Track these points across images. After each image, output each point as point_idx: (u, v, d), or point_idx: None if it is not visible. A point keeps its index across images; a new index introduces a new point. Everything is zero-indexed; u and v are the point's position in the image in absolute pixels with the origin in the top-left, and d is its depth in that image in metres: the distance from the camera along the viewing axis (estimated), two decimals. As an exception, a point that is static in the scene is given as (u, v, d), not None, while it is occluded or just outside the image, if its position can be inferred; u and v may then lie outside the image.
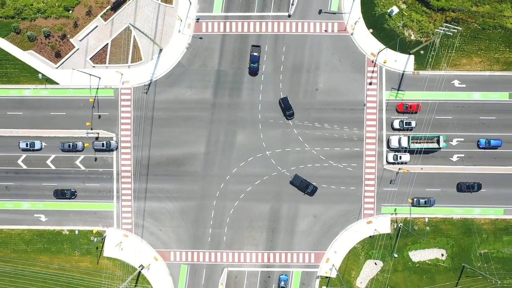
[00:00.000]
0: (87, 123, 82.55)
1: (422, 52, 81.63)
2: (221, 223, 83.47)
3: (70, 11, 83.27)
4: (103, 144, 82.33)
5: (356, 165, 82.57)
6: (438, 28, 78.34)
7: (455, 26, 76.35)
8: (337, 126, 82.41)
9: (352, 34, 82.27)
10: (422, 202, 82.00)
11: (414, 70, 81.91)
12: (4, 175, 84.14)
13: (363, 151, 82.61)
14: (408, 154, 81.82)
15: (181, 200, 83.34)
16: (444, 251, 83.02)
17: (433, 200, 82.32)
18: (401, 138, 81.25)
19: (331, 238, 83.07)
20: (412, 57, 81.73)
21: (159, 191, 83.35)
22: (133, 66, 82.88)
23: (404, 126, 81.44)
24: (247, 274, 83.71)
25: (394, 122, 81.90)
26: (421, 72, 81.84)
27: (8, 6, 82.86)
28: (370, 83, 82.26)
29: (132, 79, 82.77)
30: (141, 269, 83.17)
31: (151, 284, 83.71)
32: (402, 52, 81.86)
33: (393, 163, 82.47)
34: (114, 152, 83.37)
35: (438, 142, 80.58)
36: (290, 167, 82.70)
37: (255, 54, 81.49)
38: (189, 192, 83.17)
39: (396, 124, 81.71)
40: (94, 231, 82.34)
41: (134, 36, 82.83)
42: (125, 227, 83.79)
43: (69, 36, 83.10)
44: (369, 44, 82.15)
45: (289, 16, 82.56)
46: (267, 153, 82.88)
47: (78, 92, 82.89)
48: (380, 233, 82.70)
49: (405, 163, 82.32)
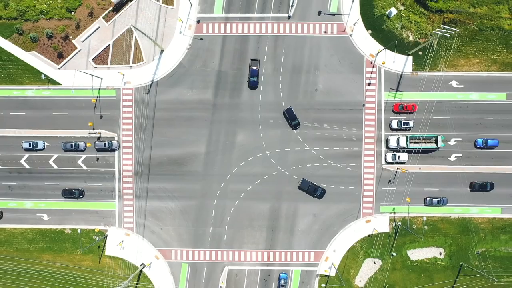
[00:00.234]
0: (89, 123, 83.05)
1: (420, 53, 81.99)
2: (222, 222, 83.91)
3: (73, 13, 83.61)
4: (105, 144, 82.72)
5: (355, 165, 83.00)
6: (436, 30, 78.65)
7: (453, 28, 76.79)
8: (336, 126, 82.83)
9: (351, 35, 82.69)
10: (435, 202, 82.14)
11: (413, 71, 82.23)
12: (7, 175, 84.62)
13: (362, 151, 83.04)
14: (407, 154, 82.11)
15: (182, 199, 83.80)
16: (442, 250, 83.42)
17: (446, 200, 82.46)
18: (400, 138, 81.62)
19: (330, 237, 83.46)
20: (411, 58, 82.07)
21: (160, 191, 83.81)
22: (135, 67, 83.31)
23: (402, 126, 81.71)
24: (247, 273, 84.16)
25: (392, 122, 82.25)
26: (420, 73, 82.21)
27: (11, 8, 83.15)
28: (369, 84, 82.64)
29: (134, 80, 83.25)
30: (143, 268, 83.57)
31: (152, 283, 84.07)
32: (401, 53, 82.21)
33: (392, 163, 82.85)
34: (116, 152, 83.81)
35: (436, 142, 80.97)
36: (290, 167, 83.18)
37: (254, 68, 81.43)
38: (190, 192, 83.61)
39: (394, 124, 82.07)
40: (96, 230, 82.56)
41: (136, 37, 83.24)
42: (127, 226, 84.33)
43: (71, 37, 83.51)
44: (368, 45, 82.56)
45: (289, 18, 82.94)
46: (267, 153, 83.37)
47: (80, 93, 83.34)
48: (379, 232, 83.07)
49: (404, 163, 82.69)
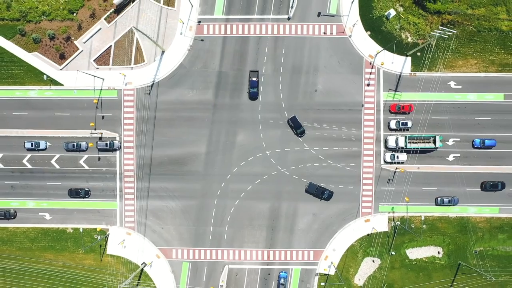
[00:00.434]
0: (91, 124, 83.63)
1: (419, 54, 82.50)
2: (222, 222, 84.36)
3: (75, 14, 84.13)
4: (107, 144, 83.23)
5: (354, 165, 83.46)
6: (434, 31, 79.02)
7: (451, 29, 77.27)
8: (336, 127, 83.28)
9: (350, 37, 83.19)
10: (446, 201, 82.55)
11: (411, 72, 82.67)
12: (10, 175, 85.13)
13: (361, 151, 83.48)
14: (405, 154, 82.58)
15: (183, 199, 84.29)
16: (441, 249, 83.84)
17: (457, 199, 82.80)
18: (398, 138, 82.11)
19: (330, 236, 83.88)
20: (409, 59, 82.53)
21: (161, 190, 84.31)
22: (136, 68, 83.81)
23: (401, 127, 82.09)
24: (248, 272, 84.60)
25: (391, 123, 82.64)
26: (418, 74, 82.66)
27: (14, 9, 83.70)
28: (368, 84, 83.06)
29: (135, 80, 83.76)
30: (144, 267, 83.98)
31: (154, 281, 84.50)
32: (399, 54, 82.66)
33: (391, 163, 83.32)
34: (117, 152, 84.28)
35: (435, 142, 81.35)
36: (290, 167, 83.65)
37: (254, 79, 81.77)
38: (191, 191, 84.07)
39: (393, 125, 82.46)
40: (98, 229, 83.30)
41: (137, 38, 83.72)
42: (128, 225, 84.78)
43: (73, 38, 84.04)
44: (367, 46, 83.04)
45: (289, 19, 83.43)
46: (267, 153, 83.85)
47: (82, 93, 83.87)
48: (378, 231, 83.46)
49: (402, 163, 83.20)
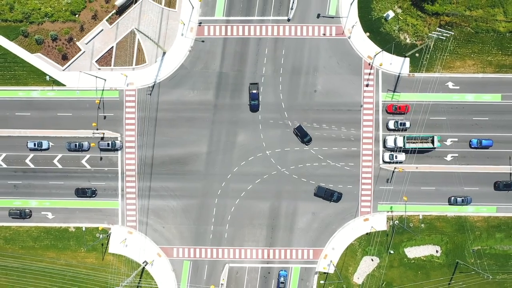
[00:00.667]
0: (93, 124, 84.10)
1: (417, 55, 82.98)
2: (223, 221, 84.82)
3: (77, 15, 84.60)
4: (108, 144, 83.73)
5: (353, 165, 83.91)
6: (433, 32, 79.62)
7: (449, 30, 77.85)
8: (335, 127, 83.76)
9: (350, 38, 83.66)
10: (460, 201, 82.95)
11: (410, 72, 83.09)
12: (13, 174, 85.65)
13: (360, 151, 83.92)
14: (404, 154, 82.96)
15: (184, 198, 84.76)
16: (439, 248, 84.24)
17: (470, 199, 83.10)
18: (397, 138, 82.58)
19: (329, 235, 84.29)
20: (408, 60, 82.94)
21: (163, 190, 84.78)
22: (138, 69, 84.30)
23: (399, 127, 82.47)
24: (248, 270, 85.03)
25: (389, 123, 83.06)
26: (416, 74, 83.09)
27: (17, 10, 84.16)
28: (367, 85, 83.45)
29: (137, 81, 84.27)
30: (145, 265, 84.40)
31: (155, 280, 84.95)
32: (398, 55, 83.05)
33: (389, 163, 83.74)
34: (119, 152, 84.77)
35: (433, 142, 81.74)
36: (290, 166, 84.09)
37: (254, 92, 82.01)
38: (192, 191, 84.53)
39: (391, 125, 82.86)
40: (100, 228, 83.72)
41: (139, 40, 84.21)
42: (130, 224, 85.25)
43: (76, 40, 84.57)
44: (366, 47, 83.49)
45: (289, 20, 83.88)
46: (267, 153, 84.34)
47: (84, 94, 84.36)
48: (377, 230, 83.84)
49: (401, 163, 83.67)
